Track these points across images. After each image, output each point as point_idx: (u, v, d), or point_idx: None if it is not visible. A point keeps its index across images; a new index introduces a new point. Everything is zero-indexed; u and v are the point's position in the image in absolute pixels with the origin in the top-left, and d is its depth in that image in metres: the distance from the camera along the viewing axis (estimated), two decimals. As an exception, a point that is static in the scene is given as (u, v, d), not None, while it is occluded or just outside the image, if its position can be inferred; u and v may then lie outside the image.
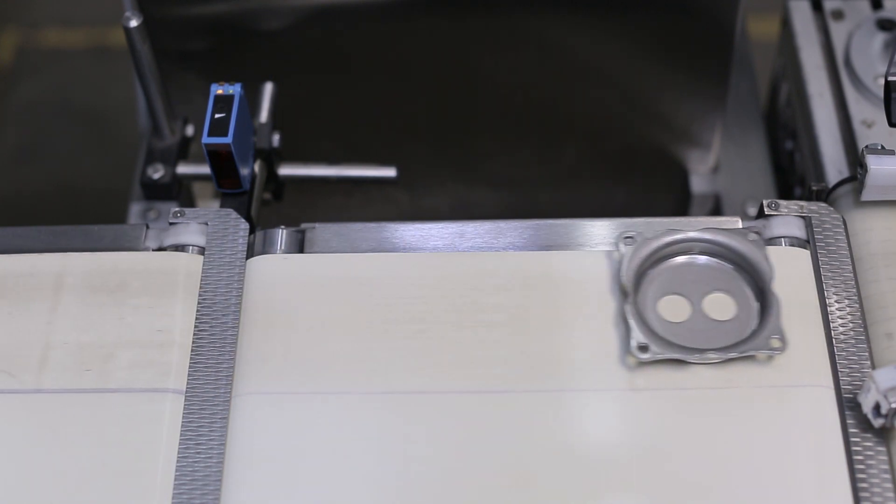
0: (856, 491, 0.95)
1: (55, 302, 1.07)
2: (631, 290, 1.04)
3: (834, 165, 1.30)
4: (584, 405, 1.00)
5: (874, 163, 1.07)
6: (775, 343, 1.00)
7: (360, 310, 1.05)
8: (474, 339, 1.03)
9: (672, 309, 1.05)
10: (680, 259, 1.07)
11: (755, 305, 1.04)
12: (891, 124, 1.08)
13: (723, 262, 1.07)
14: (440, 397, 1.00)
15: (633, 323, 1.01)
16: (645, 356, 1.00)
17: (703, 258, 1.07)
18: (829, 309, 1.05)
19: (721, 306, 1.05)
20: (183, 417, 1.00)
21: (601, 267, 1.07)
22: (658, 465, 0.97)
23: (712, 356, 1.00)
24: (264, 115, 1.27)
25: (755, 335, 1.01)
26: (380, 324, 1.05)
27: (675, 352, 1.00)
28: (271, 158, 1.27)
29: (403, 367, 1.02)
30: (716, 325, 1.04)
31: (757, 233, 1.07)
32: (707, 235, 1.07)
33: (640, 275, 1.06)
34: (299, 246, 1.12)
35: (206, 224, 1.12)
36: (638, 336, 1.01)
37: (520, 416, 0.99)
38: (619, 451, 0.98)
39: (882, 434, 0.98)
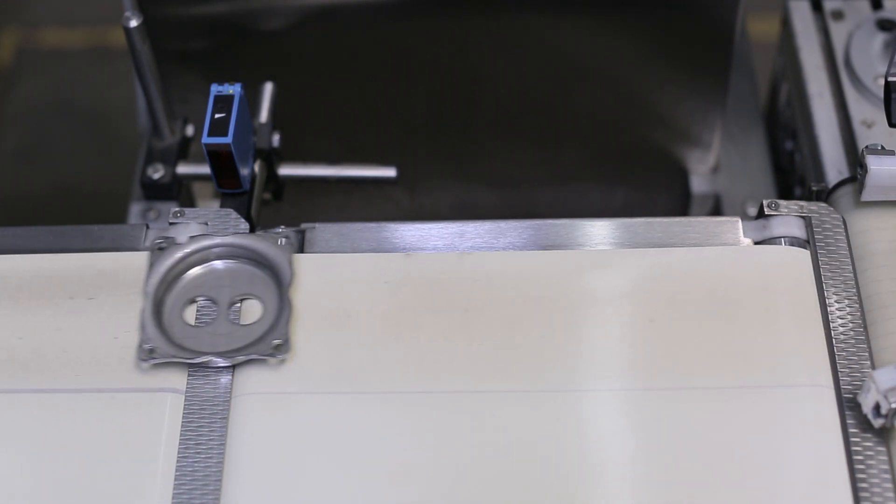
0: (856, 491, 0.95)
1: (55, 302, 1.07)
2: (153, 294, 1.05)
3: (834, 165, 1.30)
4: (582, 405, 1.00)
5: (874, 163, 1.07)
6: (280, 347, 1.01)
7: (360, 310, 1.05)
8: (474, 339, 1.03)
9: (200, 313, 1.05)
10: (210, 263, 1.08)
11: (277, 309, 1.05)
12: (891, 124, 1.08)
13: (253, 266, 1.08)
14: (441, 397, 1.00)
15: (145, 327, 1.02)
16: (150, 359, 1.01)
17: (232, 262, 1.08)
18: (829, 309, 1.05)
19: (248, 310, 1.06)
20: (183, 417, 1.00)
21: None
22: (657, 465, 0.97)
23: (217, 360, 1.01)
24: (264, 115, 1.27)
25: (262, 339, 1.02)
26: (379, 323, 1.05)
27: (179, 355, 1.01)
28: (271, 158, 1.27)
29: (404, 367, 1.02)
30: (237, 328, 1.04)
31: (287, 237, 1.08)
32: (239, 241, 1.08)
33: (174, 278, 1.07)
34: (299, 246, 1.12)
35: (206, 224, 1.12)
36: (145, 339, 1.02)
37: (518, 416, 0.99)
38: (618, 450, 0.98)
39: (882, 434, 0.98)
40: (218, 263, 1.08)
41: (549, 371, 1.02)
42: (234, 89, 1.17)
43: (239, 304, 1.06)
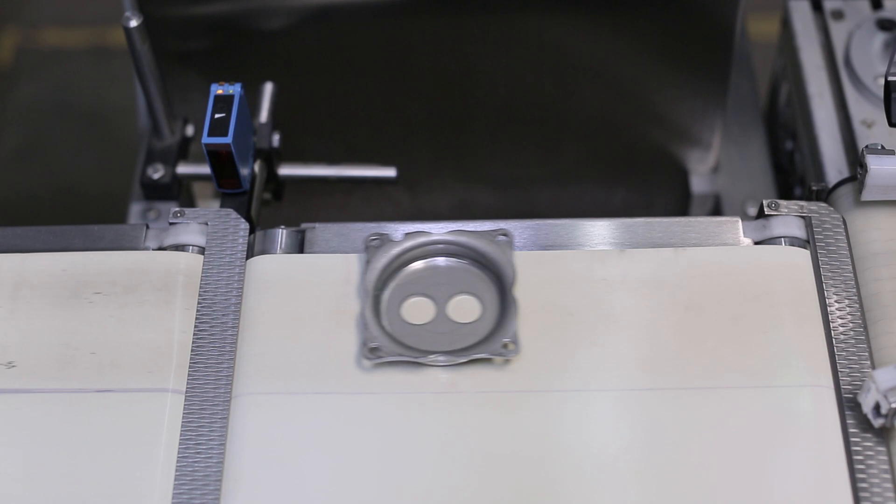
0: (856, 491, 0.95)
1: (55, 302, 1.07)
2: (372, 291, 1.04)
3: (834, 165, 1.30)
4: (585, 405, 1.00)
5: (874, 163, 1.07)
6: (509, 346, 1.00)
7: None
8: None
9: (417, 311, 1.05)
10: (427, 261, 1.07)
11: (499, 308, 1.04)
12: (891, 124, 1.08)
13: (469, 264, 1.07)
14: (439, 397, 1.00)
15: (368, 325, 1.02)
16: (376, 358, 1.00)
17: (449, 260, 1.07)
18: (829, 309, 1.05)
19: (466, 308, 1.05)
20: (183, 417, 1.00)
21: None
22: (657, 465, 0.97)
23: (442, 359, 1.00)
24: (264, 115, 1.27)
25: (489, 338, 1.02)
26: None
27: (405, 354, 1.00)
28: (271, 158, 1.27)
29: (403, 367, 1.02)
30: (458, 327, 1.04)
31: (505, 234, 1.07)
32: (456, 238, 1.07)
33: (389, 276, 1.06)
34: (299, 246, 1.12)
35: (206, 224, 1.12)
36: (370, 338, 1.01)
37: (528, 416, 0.99)
38: (619, 449, 0.98)
39: (882, 434, 0.98)
40: (434, 260, 1.07)
41: (555, 370, 1.02)
42: (234, 89, 1.17)
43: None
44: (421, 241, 1.07)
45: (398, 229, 1.11)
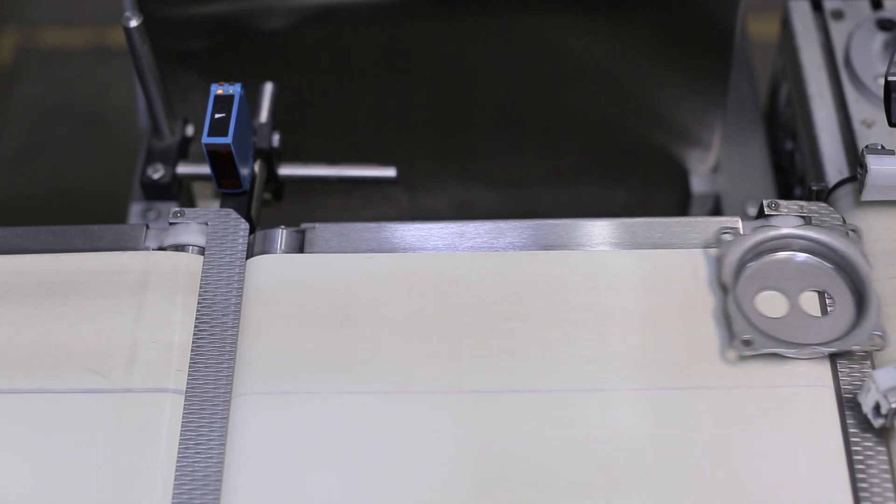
0: (856, 491, 0.95)
1: (54, 302, 1.07)
2: (731, 285, 1.04)
3: (834, 165, 1.30)
4: (584, 405, 1.00)
5: (874, 163, 1.07)
6: (877, 340, 1.01)
7: (360, 310, 1.05)
8: (474, 338, 1.03)
9: (769, 305, 1.05)
10: (777, 255, 1.08)
11: (850, 302, 1.05)
12: (891, 124, 1.08)
13: (819, 259, 1.07)
14: (440, 397, 1.00)
15: (736, 318, 1.02)
16: (748, 351, 1.01)
17: (800, 255, 1.08)
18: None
19: (818, 302, 1.05)
20: (183, 417, 1.00)
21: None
22: (657, 465, 0.97)
23: (814, 350, 1.01)
24: (264, 115, 1.27)
25: (855, 331, 1.02)
26: (379, 323, 1.04)
27: (776, 346, 1.01)
28: (271, 158, 1.27)
29: (403, 367, 1.02)
30: (813, 320, 1.04)
31: (854, 230, 1.07)
32: (806, 232, 1.07)
33: (739, 270, 1.06)
34: (299, 246, 1.12)
35: (206, 224, 1.12)
36: (742, 330, 1.01)
37: (523, 415, 0.99)
38: (619, 449, 0.98)
39: (882, 434, 0.98)
40: (785, 255, 1.08)
41: (544, 370, 1.02)
42: (234, 89, 1.17)
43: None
44: (771, 234, 1.07)
45: (398, 229, 1.11)
